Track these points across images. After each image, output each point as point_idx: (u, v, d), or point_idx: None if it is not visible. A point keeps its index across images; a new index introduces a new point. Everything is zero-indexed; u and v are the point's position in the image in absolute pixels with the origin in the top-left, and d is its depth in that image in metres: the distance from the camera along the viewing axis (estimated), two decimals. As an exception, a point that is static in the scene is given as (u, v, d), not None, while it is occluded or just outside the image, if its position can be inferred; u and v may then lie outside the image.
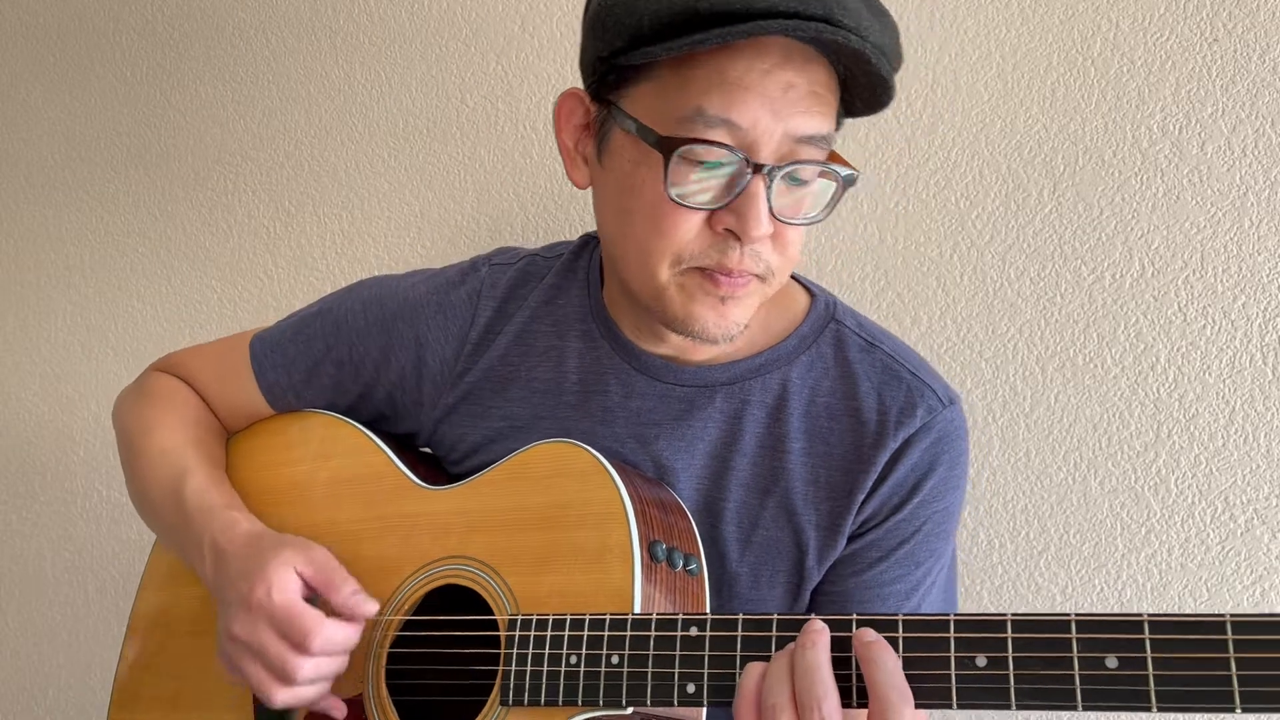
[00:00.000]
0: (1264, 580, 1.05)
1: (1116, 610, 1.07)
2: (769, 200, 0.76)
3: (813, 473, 0.88)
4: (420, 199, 1.38)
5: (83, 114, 1.55)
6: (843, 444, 0.88)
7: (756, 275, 0.80)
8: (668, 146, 0.76)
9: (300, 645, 0.79)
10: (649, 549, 0.78)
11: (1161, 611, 0.61)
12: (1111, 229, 1.09)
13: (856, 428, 0.88)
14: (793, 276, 0.97)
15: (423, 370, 0.96)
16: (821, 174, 0.79)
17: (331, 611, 0.83)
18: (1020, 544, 1.13)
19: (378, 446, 0.96)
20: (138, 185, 1.52)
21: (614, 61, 0.79)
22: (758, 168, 0.76)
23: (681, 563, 0.80)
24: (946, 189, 1.15)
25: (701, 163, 0.77)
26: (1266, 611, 0.59)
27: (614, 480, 0.81)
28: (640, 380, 0.91)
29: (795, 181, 0.79)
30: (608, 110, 0.82)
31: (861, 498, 0.87)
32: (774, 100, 0.75)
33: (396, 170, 1.39)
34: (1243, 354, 1.06)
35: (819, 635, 0.67)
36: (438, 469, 0.99)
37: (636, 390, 0.91)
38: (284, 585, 0.81)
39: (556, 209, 1.33)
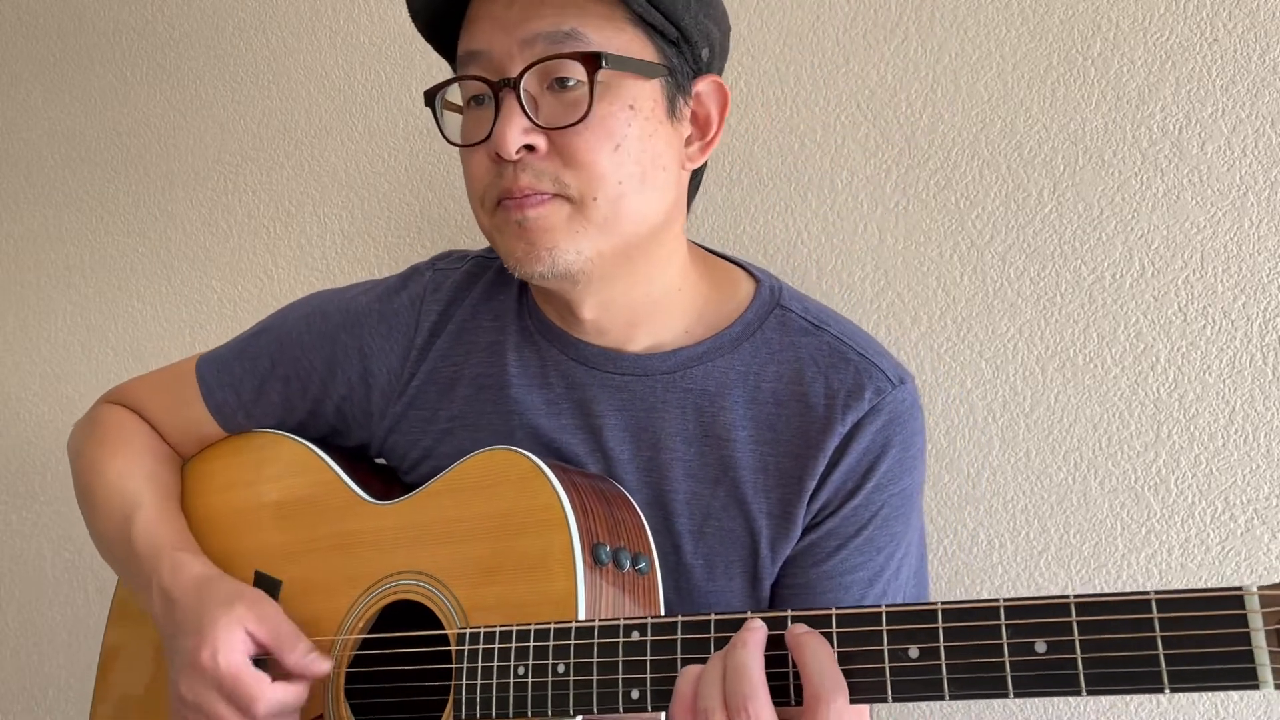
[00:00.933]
0: (1264, 580, 1.05)
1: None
2: (527, 111, 0.77)
3: (761, 460, 0.87)
4: (420, 199, 1.38)
5: (83, 114, 1.55)
6: (790, 430, 0.86)
7: (554, 194, 0.79)
8: (428, 99, 0.84)
9: (246, 710, 0.79)
10: (592, 552, 0.77)
11: (1088, 592, 0.60)
12: (1111, 229, 1.09)
13: (804, 413, 0.86)
14: (740, 264, 0.96)
15: (370, 381, 0.95)
16: (571, 80, 0.78)
17: (280, 671, 0.82)
18: (1020, 544, 1.13)
19: (326, 464, 0.95)
20: (138, 185, 1.52)
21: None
22: (504, 84, 0.78)
23: (629, 563, 0.79)
24: (946, 189, 1.15)
25: (471, 102, 0.82)
26: (1191, 587, 0.58)
27: (553, 484, 0.79)
28: (580, 371, 0.90)
29: (561, 86, 0.78)
30: None
31: (813, 484, 0.85)
32: (501, 18, 0.79)
33: (396, 170, 1.39)
34: (1243, 354, 1.06)
35: (750, 635, 0.66)
36: (391, 480, 0.98)
37: (578, 381, 0.90)
38: (230, 647, 0.80)
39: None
